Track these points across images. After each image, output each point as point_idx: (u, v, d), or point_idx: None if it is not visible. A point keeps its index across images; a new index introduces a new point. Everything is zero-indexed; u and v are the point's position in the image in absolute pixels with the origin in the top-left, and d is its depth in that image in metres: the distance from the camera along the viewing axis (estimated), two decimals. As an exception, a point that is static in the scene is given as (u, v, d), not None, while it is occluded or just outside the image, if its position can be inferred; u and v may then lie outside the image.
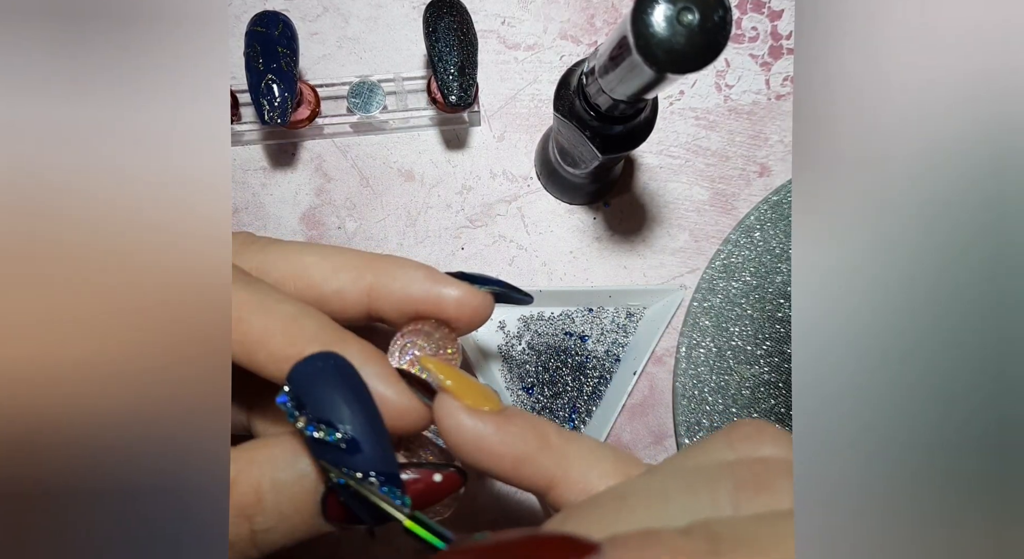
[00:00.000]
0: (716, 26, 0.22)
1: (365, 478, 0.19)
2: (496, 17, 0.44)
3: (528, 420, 0.20)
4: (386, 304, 0.23)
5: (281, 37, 0.37)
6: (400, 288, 0.23)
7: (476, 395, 0.20)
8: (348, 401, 0.19)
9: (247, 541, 0.19)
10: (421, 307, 0.23)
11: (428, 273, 0.23)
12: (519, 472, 0.20)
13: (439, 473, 0.21)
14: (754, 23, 0.45)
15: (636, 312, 0.43)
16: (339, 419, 0.19)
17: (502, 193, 0.43)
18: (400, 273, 0.23)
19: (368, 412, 0.19)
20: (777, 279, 0.42)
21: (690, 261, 0.43)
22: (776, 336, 0.42)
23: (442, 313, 0.23)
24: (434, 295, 0.23)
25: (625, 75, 0.25)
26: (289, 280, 0.23)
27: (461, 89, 0.37)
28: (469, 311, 0.23)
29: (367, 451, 0.19)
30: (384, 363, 0.21)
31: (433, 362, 0.21)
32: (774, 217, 0.42)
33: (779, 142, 0.44)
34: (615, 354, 0.42)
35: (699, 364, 0.41)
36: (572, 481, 0.20)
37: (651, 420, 0.42)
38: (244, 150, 0.43)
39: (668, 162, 0.44)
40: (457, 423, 0.20)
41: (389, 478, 0.19)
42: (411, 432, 0.21)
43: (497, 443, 0.20)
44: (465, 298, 0.23)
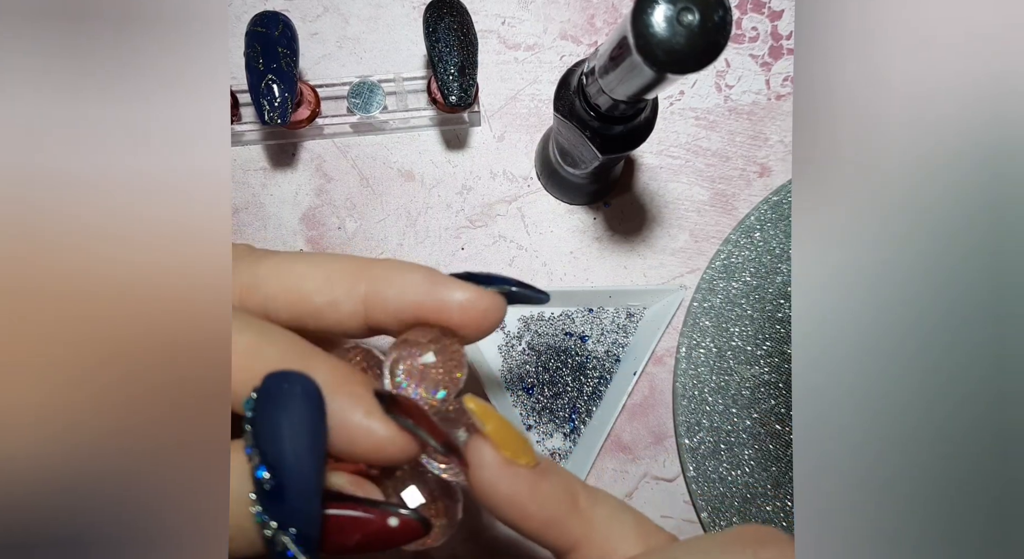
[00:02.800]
0: (716, 26, 0.22)
1: (281, 529, 0.17)
2: (496, 17, 0.44)
3: (560, 479, 0.20)
4: (383, 314, 0.21)
5: (281, 37, 0.37)
6: (396, 295, 0.20)
7: (516, 446, 0.19)
8: (291, 436, 0.17)
9: None
10: (422, 314, 0.21)
11: (428, 275, 0.21)
12: (545, 533, 0.19)
13: (396, 517, 0.18)
14: (754, 23, 0.45)
15: (636, 312, 0.43)
16: (274, 455, 0.17)
17: (502, 193, 0.43)
18: (396, 278, 0.20)
19: (307, 452, 0.17)
20: (777, 279, 0.42)
21: (690, 261, 0.43)
22: (776, 336, 0.42)
23: (446, 320, 0.20)
24: (435, 300, 0.20)
25: (625, 75, 0.25)
26: (281, 295, 0.21)
27: (461, 89, 0.37)
28: (477, 316, 0.20)
29: (290, 500, 0.17)
30: (359, 389, 0.19)
31: (476, 402, 0.19)
32: (774, 217, 0.42)
33: (779, 142, 0.44)
34: (615, 354, 0.42)
35: (699, 364, 0.41)
36: (594, 545, 0.20)
37: (651, 420, 0.42)
38: (244, 150, 0.43)
39: (668, 162, 0.44)
40: (492, 477, 0.19)
41: (304, 539, 0.17)
42: (391, 465, 0.20)
43: (529, 503, 0.19)
44: (471, 301, 0.20)
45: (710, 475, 0.40)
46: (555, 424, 0.42)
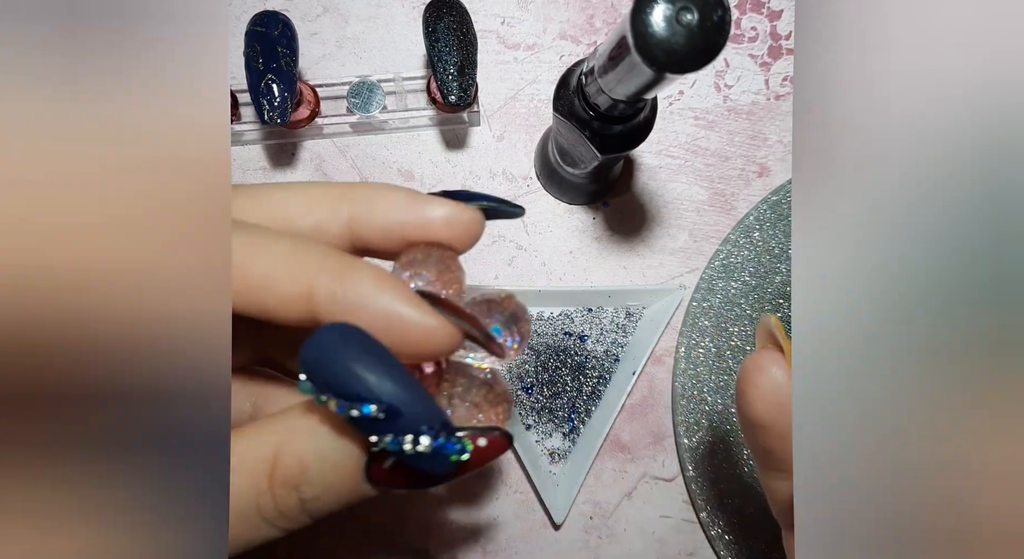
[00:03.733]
0: (715, 26, 0.22)
1: (417, 438, 0.18)
2: (496, 17, 0.44)
3: None
4: (370, 234, 0.21)
5: (281, 37, 0.37)
6: (382, 215, 0.21)
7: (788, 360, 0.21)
8: (368, 369, 0.18)
9: (297, 509, 0.19)
10: (408, 232, 0.21)
11: (410, 195, 0.22)
12: (785, 438, 0.21)
13: (483, 437, 0.19)
14: (753, 23, 0.45)
15: (635, 312, 0.43)
16: (366, 391, 0.18)
17: (502, 193, 0.43)
18: (380, 199, 0.21)
19: (392, 372, 0.18)
20: (776, 279, 0.42)
21: (689, 261, 0.43)
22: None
23: (432, 235, 0.21)
24: (420, 217, 0.21)
25: (624, 75, 0.25)
26: (265, 219, 0.21)
27: (461, 89, 0.37)
28: (460, 229, 0.21)
29: (407, 412, 0.18)
30: (402, 285, 0.20)
31: (776, 319, 0.22)
32: (773, 217, 0.42)
33: (778, 142, 0.44)
34: (614, 354, 0.42)
35: (698, 364, 0.41)
36: None
37: (650, 420, 0.42)
38: (244, 150, 0.43)
39: (667, 162, 0.44)
40: (784, 392, 0.21)
41: (441, 428, 0.18)
42: (443, 354, 0.20)
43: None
44: (454, 216, 0.21)
45: (709, 475, 0.41)
46: (554, 424, 0.42)
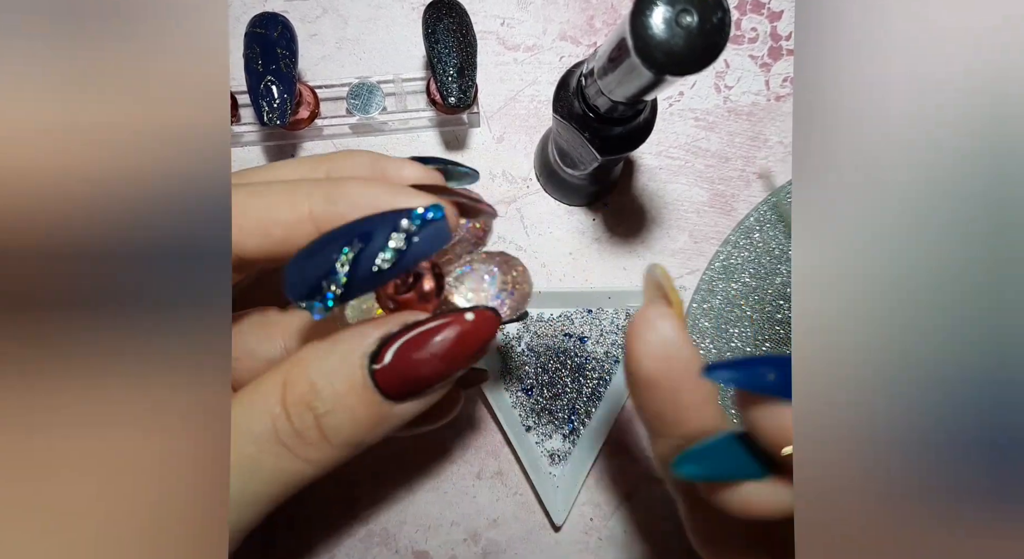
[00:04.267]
0: (715, 28, 0.22)
1: (387, 238, 0.19)
2: (495, 18, 0.44)
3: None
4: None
5: (280, 38, 0.37)
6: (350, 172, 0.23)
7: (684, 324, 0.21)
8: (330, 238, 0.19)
9: (315, 430, 0.19)
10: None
11: (373, 156, 0.23)
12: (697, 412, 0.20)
13: (470, 313, 0.20)
14: (753, 24, 0.45)
15: (635, 313, 0.43)
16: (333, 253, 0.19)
17: (501, 194, 0.43)
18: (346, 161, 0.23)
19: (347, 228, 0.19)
20: (776, 280, 0.42)
21: (689, 262, 0.43)
22: (776, 337, 0.42)
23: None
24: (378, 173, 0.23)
25: (624, 77, 0.25)
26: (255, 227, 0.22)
27: (460, 90, 0.37)
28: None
29: (374, 229, 0.19)
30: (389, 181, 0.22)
31: (664, 270, 0.22)
32: (773, 218, 0.42)
33: (778, 143, 0.44)
34: (614, 355, 0.42)
35: (698, 365, 0.41)
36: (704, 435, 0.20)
37: (651, 421, 0.42)
38: (244, 151, 0.43)
39: (667, 163, 0.44)
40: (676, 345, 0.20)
41: (404, 216, 0.19)
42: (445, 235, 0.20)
43: (697, 380, 0.20)
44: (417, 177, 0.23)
45: (710, 476, 0.40)
46: (554, 425, 0.41)
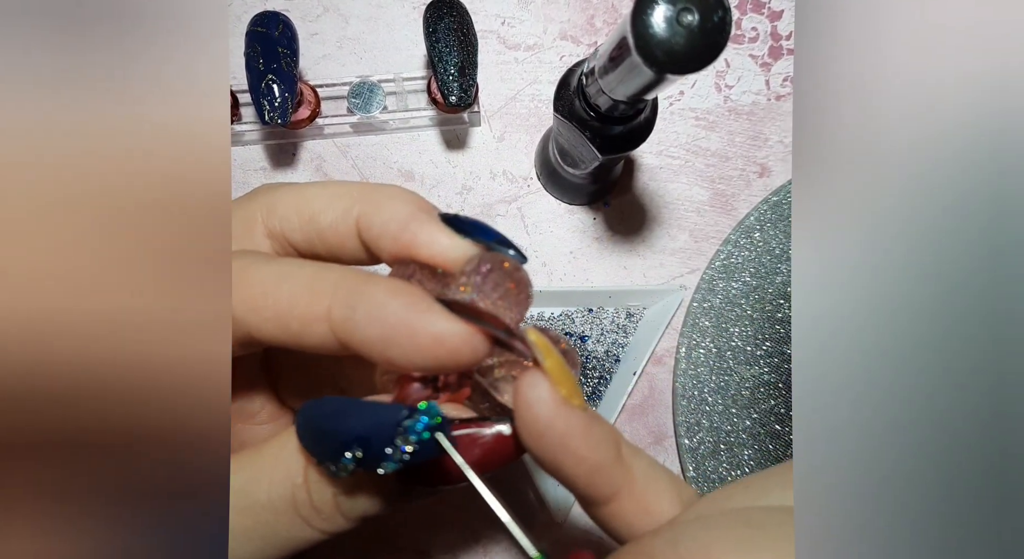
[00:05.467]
0: (716, 27, 0.22)
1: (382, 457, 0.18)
2: (496, 17, 0.44)
3: (607, 426, 0.20)
4: (368, 239, 0.21)
5: (281, 37, 0.37)
6: (382, 223, 0.20)
7: (571, 386, 0.19)
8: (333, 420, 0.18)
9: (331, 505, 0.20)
10: (397, 248, 0.21)
11: (411, 211, 0.20)
12: (591, 479, 0.19)
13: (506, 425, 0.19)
14: (754, 23, 0.45)
15: (636, 312, 0.43)
16: (341, 442, 0.18)
17: (502, 193, 0.44)
18: (386, 204, 0.21)
19: (356, 409, 0.18)
20: (777, 280, 0.42)
21: (690, 261, 0.43)
22: (776, 337, 0.42)
23: (415, 256, 0.20)
24: (408, 237, 0.20)
25: (625, 76, 0.25)
26: (293, 215, 0.22)
27: (461, 89, 0.37)
28: (447, 263, 0.20)
29: (374, 435, 0.17)
30: (417, 294, 0.19)
31: (537, 334, 0.19)
32: (774, 217, 0.42)
33: (779, 142, 0.44)
34: (615, 354, 0.42)
35: (699, 365, 0.41)
36: (634, 495, 0.20)
37: (651, 420, 0.42)
38: (244, 150, 0.43)
39: (668, 162, 0.44)
40: (549, 414, 0.18)
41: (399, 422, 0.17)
42: (472, 361, 0.19)
43: (582, 445, 0.19)
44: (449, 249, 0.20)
45: (710, 475, 0.40)
46: (555, 424, 0.42)
